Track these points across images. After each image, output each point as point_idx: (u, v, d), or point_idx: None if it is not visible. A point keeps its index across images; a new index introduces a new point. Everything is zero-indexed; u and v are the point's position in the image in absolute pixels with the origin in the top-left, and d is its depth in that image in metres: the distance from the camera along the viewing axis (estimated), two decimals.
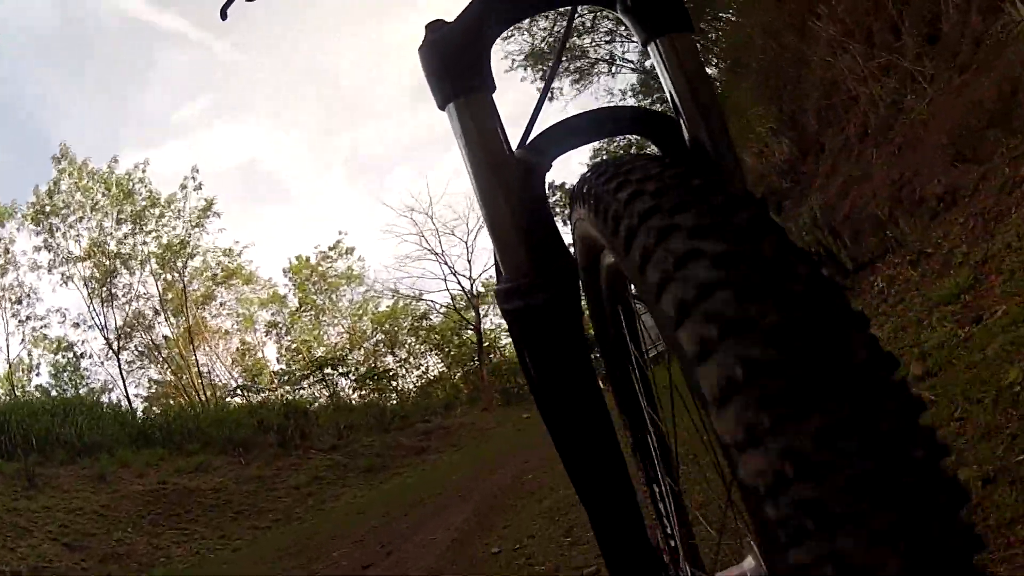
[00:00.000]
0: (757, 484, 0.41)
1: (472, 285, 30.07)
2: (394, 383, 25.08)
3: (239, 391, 22.66)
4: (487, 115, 0.85)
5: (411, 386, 32.02)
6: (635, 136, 0.96)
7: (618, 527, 1.01)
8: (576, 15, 1.17)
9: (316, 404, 21.57)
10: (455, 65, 0.85)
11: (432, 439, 16.96)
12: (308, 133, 43.63)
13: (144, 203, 26.37)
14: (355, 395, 30.32)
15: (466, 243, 29.93)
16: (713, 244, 0.50)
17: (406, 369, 33.02)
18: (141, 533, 10.29)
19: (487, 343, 33.46)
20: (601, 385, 1.00)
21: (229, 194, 43.87)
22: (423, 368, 33.17)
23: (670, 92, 0.88)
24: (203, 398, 24.59)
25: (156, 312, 27.28)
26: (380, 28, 43.43)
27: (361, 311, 32.93)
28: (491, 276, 35.06)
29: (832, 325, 0.45)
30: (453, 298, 30.39)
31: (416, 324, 32.46)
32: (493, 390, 29.65)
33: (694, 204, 0.54)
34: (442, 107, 0.87)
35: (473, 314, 30.18)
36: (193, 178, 26.99)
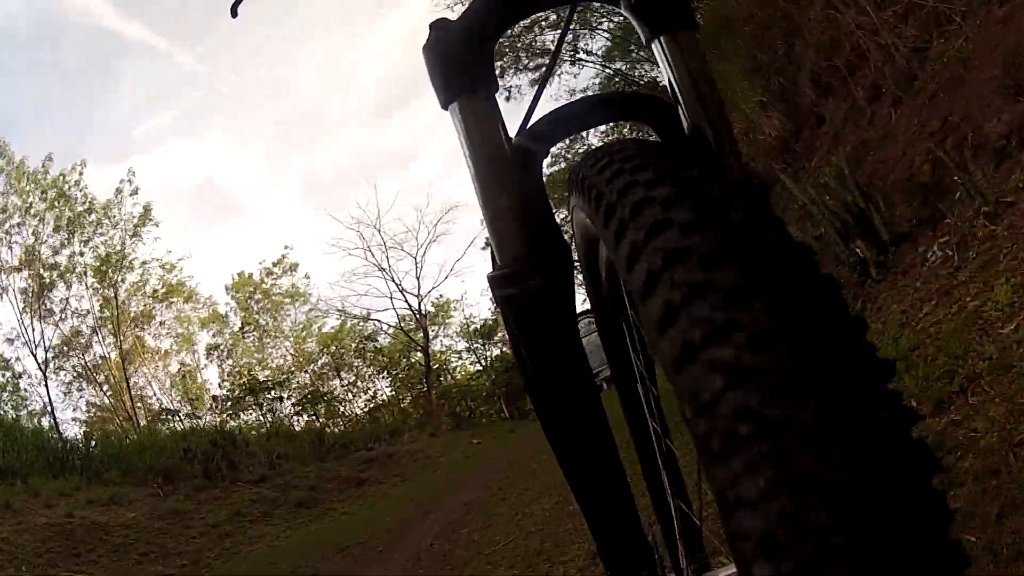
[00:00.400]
0: (712, 446, 0.41)
1: (420, 304, 28.87)
2: (338, 408, 23.58)
3: (164, 416, 21.02)
4: (489, 113, 0.86)
5: (359, 411, 30.88)
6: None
7: (612, 520, 0.98)
8: (576, 11, 0.99)
9: (253, 431, 20.20)
10: (458, 64, 0.85)
11: (374, 469, 15.79)
12: (266, 149, 42.68)
13: (81, 208, 24.73)
14: (300, 421, 29.17)
15: (415, 259, 28.81)
16: (703, 240, 0.48)
17: (353, 393, 31.80)
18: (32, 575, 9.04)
19: (436, 365, 32.37)
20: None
21: (184, 211, 41.98)
22: (371, 392, 31.95)
23: (673, 89, 0.88)
24: (138, 423, 22.99)
25: (93, 331, 25.61)
26: (347, 42, 43.04)
27: (305, 332, 31.50)
28: (441, 295, 34.25)
29: (828, 324, 0.43)
30: (402, 318, 29.16)
31: (362, 346, 31.13)
32: (442, 414, 28.56)
33: (689, 196, 0.52)
34: (445, 106, 0.88)
35: (421, 335, 28.90)
36: (129, 181, 25.25)
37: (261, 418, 21.81)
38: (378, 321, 29.78)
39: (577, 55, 22.20)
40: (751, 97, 9.33)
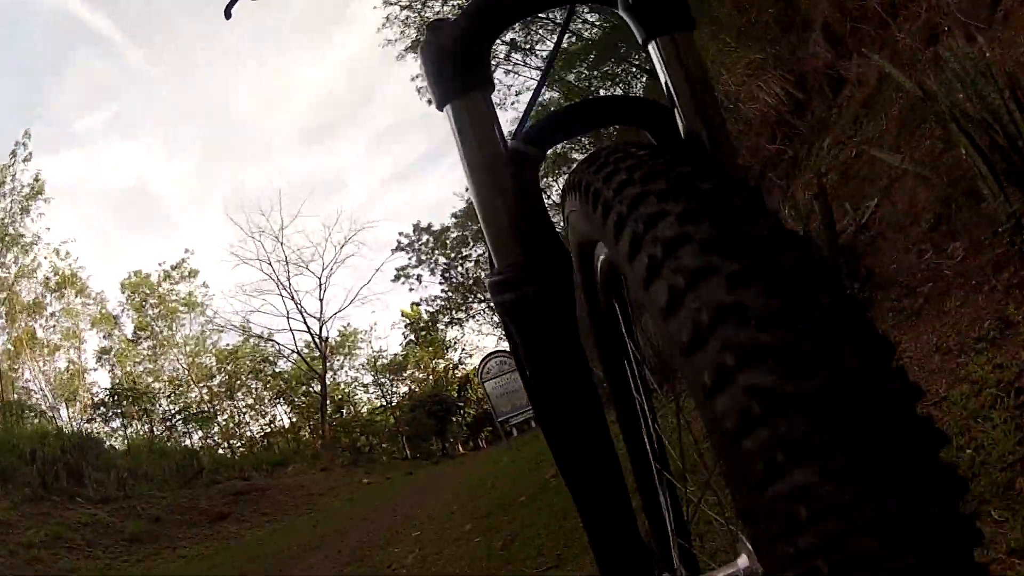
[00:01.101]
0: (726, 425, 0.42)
1: (321, 328, 27.05)
2: (230, 429, 21.33)
3: (21, 413, 18.46)
4: (486, 114, 0.85)
5: (255, 435, 28.72)
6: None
7: (610, 526, 0.98)
8: (575, 13, 1.11)
9: (120, 444, 18.06)
10: (455, 65, 0.84)
11: (242, 503, 13.98)
12: (197, 160, 41.41)
13: None
14: (187, 439, 26.84)
15: (319, 279, 27.08)
16: (700, 229, 0.49)
17: (251, 417, 29.61)
18: None
19: (339, 396, 30.51)
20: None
21: (105, 210, 39.84)
22: (270, 417, 29.80)
23: (669, 91, 0.87)
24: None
25: None
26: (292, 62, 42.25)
27: (200, 346, 29.19)
28: (348, 323, 32.58)
29: (827, 309, 0.45)
30: (305, 344, 27.24)
31: (259, 367, 29.03)
32: (339, 447, 26.73)
33: (684, 191, 0.54)
34: (440, 107, 0.87)
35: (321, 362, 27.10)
36: (24, 144, 22.60)
37: (137, 431, 19.55)
38: (277, 343, 27.87)
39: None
40: (740, 59, 7.35)
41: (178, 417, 19.43)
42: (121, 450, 16.55)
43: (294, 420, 29.74)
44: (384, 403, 31.07)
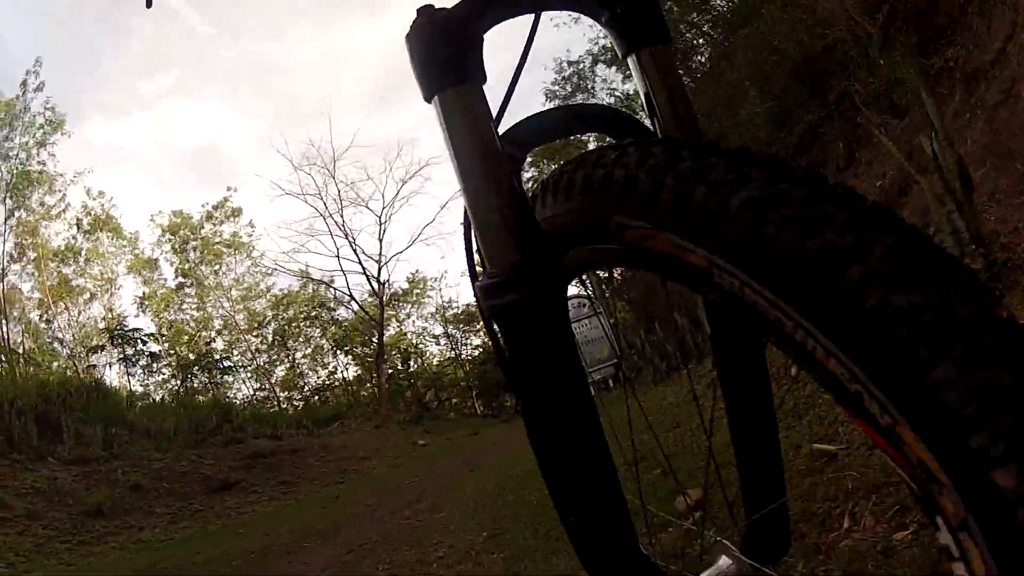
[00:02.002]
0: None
1: (380, 271, 23.90)
2: (230, 377, 18.39)
3: (20, 358, 15.96)
4: (478, 107, 0.80)
5: (316, 385, 26.31)
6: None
7: (606, 538, 0.92)
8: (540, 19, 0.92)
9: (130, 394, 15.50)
10: (445, 53, 0.79)
11: (256, 469, 11.10)
12: (260, 120, 39.10)
13: None
14: (239, 390, 24.52)
15: (379, 218, 23.84)
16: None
17: (309, 368, 27.09)
18: None
19: (406, 347, 27.66)
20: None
21: (179, 169, 38.43)
22: (331, 368, 27.22)
23: (649, 103, 0.88)
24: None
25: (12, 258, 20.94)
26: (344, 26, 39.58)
27: (249, 291, 26.56)
28: (416, 271, 29.48)
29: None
30: (370, 286, 24.20)
31: (315, 313, 26.27)
32: (402, 403, 23.98)
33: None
34: (428, 98, 0.81)
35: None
36: (36, 73, 20.08)
37: (163, 382, 16.87)
38: (334, 288, 24.81)
39: None
40: None
41: (196, 366, 16.28)
42: (116, 401, 13.78)
43: (359, 372, 27.20)
44: (454, 355, 28.12)
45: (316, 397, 25.32)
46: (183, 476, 10.06)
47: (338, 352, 26.68)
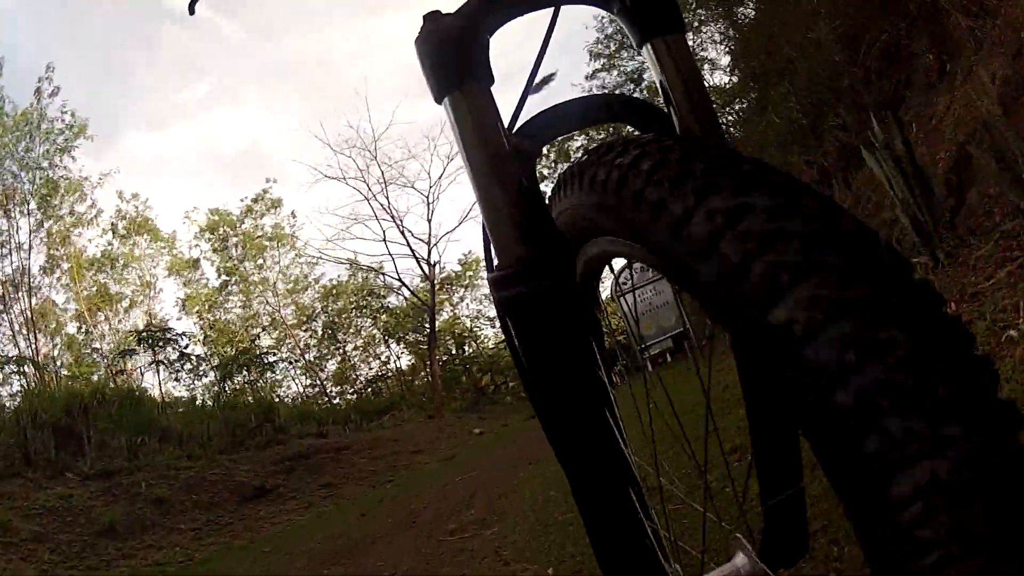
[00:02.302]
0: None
1: (430, 252, 22.67)
2: (272, 373, 17.35)
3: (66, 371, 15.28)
4: (486, 107, 0.83)
5: (369, 377, 25.38)
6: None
7: (614, 528, 0.95)
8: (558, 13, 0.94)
9: (167, 400, 14.65)
10: (453, 56, 0.83)
11: (296, 471, 10.09)
12: (298, 118, 39.55)
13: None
14: (291, 387, 23.75)
15: (426, 197, 22.58)
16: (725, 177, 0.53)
17: (361, 359, 26.18)
18: None
19: (461, 331, 26.56)
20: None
21: (224, 175, 38.53)
22: (384, 358, 26.26)
23: (665, 92, 0.88)
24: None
25: (44, 271, 20.44)
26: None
27: (297, 284, 25.67)
28: (470, 251, 28.21)
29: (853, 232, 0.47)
30: (420, 269, 22.95)
31: (365, 302, 25.20)
32: (458, 389, 22.91)
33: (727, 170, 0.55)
34: (439, 100, 0.85)
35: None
36: (48, 79, 19.24)
37: (209, 385, 16.01)
38: (383, 274, 23.54)
39: None
40: None
41: (233, 364, 15.30)
42: (150, 408, 12.91)
43: (413, 361, 26.21)
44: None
45: (369, 389, 24.43)
46: (213, 485, 9.08)
47: (390, 341, 25.69)
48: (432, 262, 22.17)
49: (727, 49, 13.87)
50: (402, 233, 21.94)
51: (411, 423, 15.74)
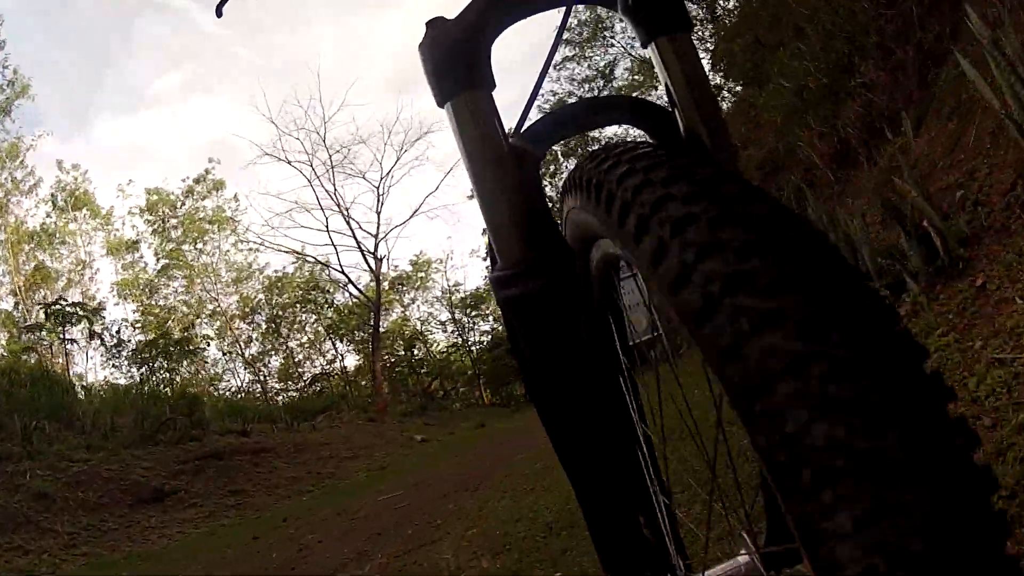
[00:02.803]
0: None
1: (377, 247, 21.66)
2: (205, 365, 15.94)
3: None
4: (487, 112, 0.84)
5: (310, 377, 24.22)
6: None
7: (613, 521, 0.96)
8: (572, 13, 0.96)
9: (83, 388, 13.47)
10: (455, 62, 0.83)
11: (204, 473, 9.08)
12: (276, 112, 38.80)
13: None
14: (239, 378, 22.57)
15: (377, 188, 21.54)
16: (708, 209, 0.51)
17: (305, 356, 25.01)
18: None
19: (410, 333, 25.59)
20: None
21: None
22: (330, 356, 25.13)
23: (669, 90, 0.87)
24: None
25: None
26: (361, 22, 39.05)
27: (242, 272, 24.41)
28: (421, 251, 26.77)
29: (832, 270, 0.46)
30: (366, 264, 21.95)
31: (310, 296, 24.02)
32: (405, 392, 21.97)
33: (684, 177, 0.55)
34: (441, 104, 0.85)
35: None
36: None
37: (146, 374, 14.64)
38: (331, 267, 22.38)
39: None
40: None
41: (152, 349, 13.98)
42: (64, 390, 11.75)
43: (360, 361, 25.12)
44: (461, 341, 25.99)
45: (313, 387, 23.31)
46: (106, 483, 8.04)
47: (335, 339, 24.58)
48: (379, 256, 21.19)
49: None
50: (347, 222, 20.90)
51: (349, 425, 14.76)
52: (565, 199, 0.81)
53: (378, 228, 21.27)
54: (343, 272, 21.78)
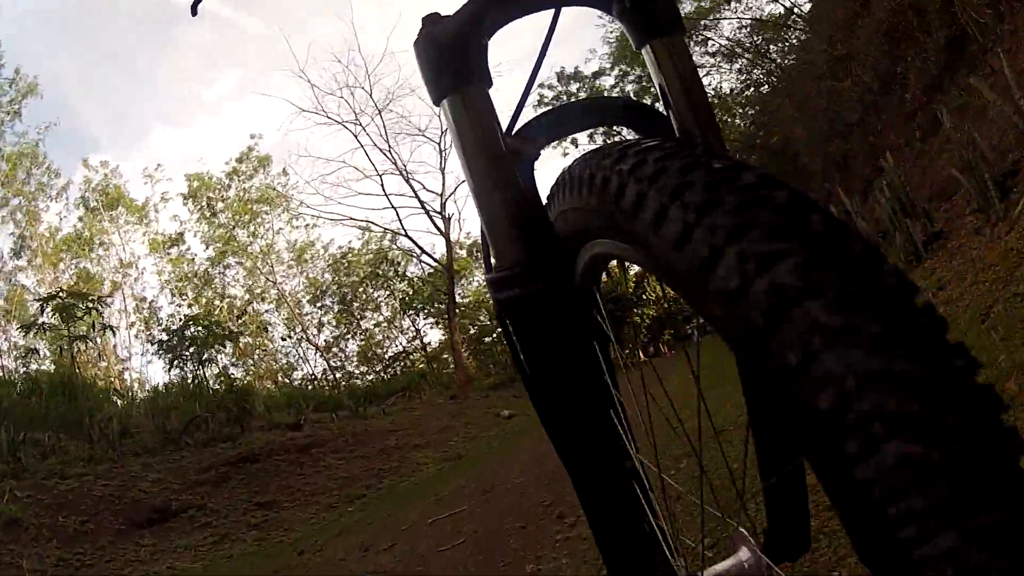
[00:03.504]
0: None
1: (443, 204, 19.37)
2: (226, 345, 14.01)
3: None
4: (483, 109, 0.83)
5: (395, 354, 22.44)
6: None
7: (615, 521, 0.94)
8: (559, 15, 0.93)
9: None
10: (451, 59, 0.83)
11: (236, 483, 7.13)
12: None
13: None
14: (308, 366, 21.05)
15: (438, 144, 19.13)
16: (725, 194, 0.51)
17: (386, 335, 23.20)
18: None
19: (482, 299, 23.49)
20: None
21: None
22: (411, 333, 23.24)
23: (663, 92, 0.88)
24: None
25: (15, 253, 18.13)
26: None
27: (304, 252, 22.65)
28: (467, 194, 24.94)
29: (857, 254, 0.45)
30: (430, 217, 19.64)
31: (379, 271, 21.93)
32: (491, 364, 19.88)
33: (703, 169, 0.55)
34: (437, 102, 0.85)
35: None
36: None
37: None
38: (401, 234, 19.95)
39: None
40: None
41: (179, 338, 12.09)
42: (88, 397, 10.00)
43: (447, 336, 23.15)
44: None
45: (395, 367, 21.47)
46: (98, 502, 6.16)
47: (410, 314, 22.61)
48: (448, 215, 18.98)
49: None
50: (408, 182, 18.68)
51: (427, 405, 12.77)
52: (552, 203, 0.80)
53: (443, 186, 19.07)
54: (408, 237, 19.57)
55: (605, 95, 16.10)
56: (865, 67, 8.93)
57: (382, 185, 18.68)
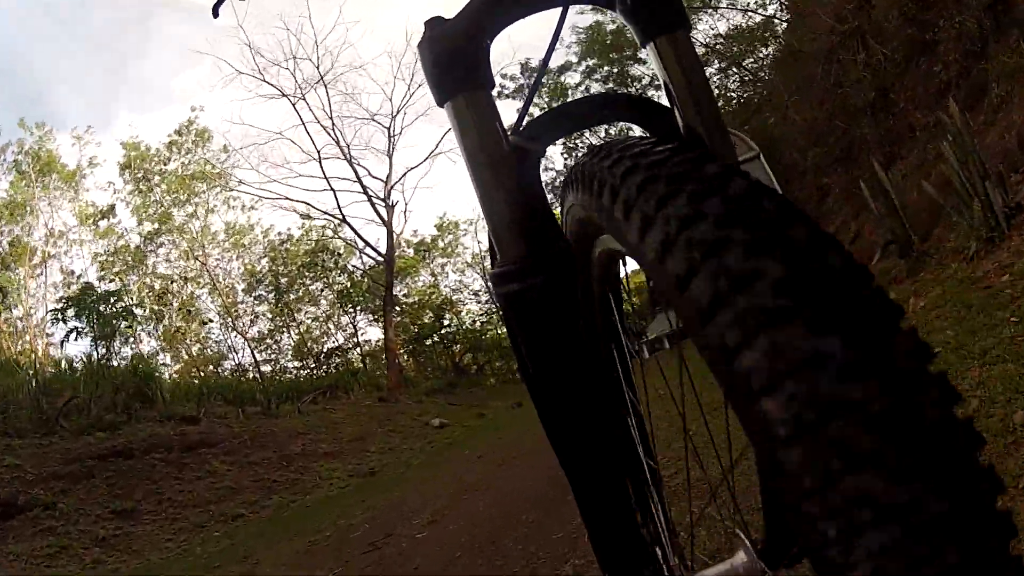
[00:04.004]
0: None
1: (388, 192, 18.44)
2: (131, 323, 13.02)
3: None
4: (487, 111, 0.83)
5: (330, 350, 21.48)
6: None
7: (610, 520, 0.97)
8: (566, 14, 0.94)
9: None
10: (454, 62, 0.83)
11: (100, 480, 6.28)
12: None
13: None
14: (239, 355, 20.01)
15: (387, 129, 18.37)
16: (713, 206, 0.51)
17: (321, 330, 22.22)
18: None
19: (440, 301, 22.69)
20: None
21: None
22: (351, 329, 22.31)
23: (668, 89, 0.86)
24: None
25: None
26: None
27: (242, 236, 21.53)
28: (444, 212, 24.09)
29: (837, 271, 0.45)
30: (377, 214, 18.74)
31: (315, 260, 20.85)
32: (429, 367, 19.15)
33: (693, 175, 0.55)
34: (441, 104, 0.84)
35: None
36: None
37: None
38: (340, 220, 18.99)
39: None
40: None
41: (77, 308, 11.15)
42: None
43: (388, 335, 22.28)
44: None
45: (330, 363, 20.53)
46: None
47: (352, 309, 21.66)
48: (391, 203, 18.14)
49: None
50: (351, 165, 17.81)
51: (350, 407, 11.94)
52: (565, 197, 0.81)
53: (390, 171, 18.22)
54: (349, 224, 18.66)
55: (610, 92, 16.45)
56: (885, 38, 8.32)
57: (320, 165, 17.82)
